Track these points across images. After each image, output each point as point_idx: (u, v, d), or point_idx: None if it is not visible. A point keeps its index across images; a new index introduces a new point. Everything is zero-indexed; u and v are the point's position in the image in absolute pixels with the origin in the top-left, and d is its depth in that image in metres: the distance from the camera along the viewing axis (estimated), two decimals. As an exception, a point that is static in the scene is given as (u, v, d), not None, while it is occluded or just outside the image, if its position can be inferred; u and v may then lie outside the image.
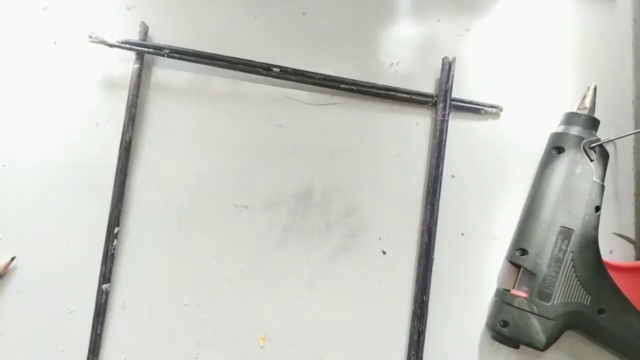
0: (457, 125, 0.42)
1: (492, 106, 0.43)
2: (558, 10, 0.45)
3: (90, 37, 0.39)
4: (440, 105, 0.41)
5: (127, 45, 0.40)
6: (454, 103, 0.42)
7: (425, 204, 0.41)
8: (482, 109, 0.43)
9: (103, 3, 0.42)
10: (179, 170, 0.41)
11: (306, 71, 0.41)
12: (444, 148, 0.41)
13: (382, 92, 0.42)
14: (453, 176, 0.42)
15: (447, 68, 0.42)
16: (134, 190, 0.40)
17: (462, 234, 0.41)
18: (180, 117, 0.41)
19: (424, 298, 0.39)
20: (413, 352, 0.39)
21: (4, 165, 0.40)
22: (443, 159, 0.41)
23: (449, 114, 0.41)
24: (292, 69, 0.41)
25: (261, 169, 0.41)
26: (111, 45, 0.39)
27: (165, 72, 0.42)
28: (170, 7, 0.42)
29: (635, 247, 0.42)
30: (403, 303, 0.40)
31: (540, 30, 0.45)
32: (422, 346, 0.39)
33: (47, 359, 0.38)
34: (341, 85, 0.41)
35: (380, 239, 0.41)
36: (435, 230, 0.40)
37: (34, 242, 0.39)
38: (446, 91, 0.41)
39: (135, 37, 0.40)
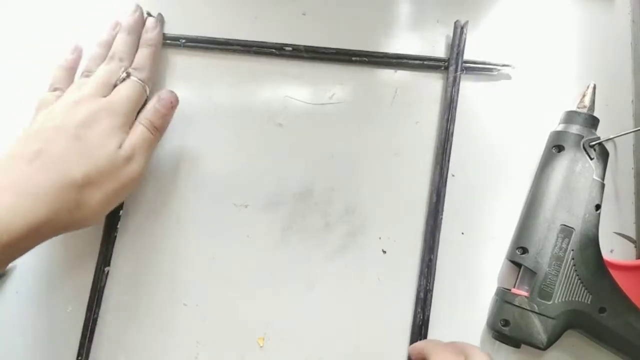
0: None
1: (504, 65, 0.43)
2: (557, 11, 0.45)
3: None
4: (452, 68, 0.42)
5: None
6: (465, 65, 0.43)
7: (435, 164, 0.41)
8: (494, 67, 0.43)
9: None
10: (178, 170, 0.41)
11: (318, 47, 0.42)
12: (455, 109, 0.42)
13: (394, 60, 0.43)
14: (453, 175, 0.42)
15: (460, 31, 0.42)
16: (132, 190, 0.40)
17: (462, 234, 0.41)
18: (178, 118, 0.41)
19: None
20: (414, 352, 0.39)
21: (4, 165, 0.40)
22: (454, 121, 0.41)
23: (460, 75, 0.42)
24: (304, 46, 0.42)
25: (261, 168, 0.41)
26: None
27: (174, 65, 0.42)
28: (166, 11, 0.43)
29: (635, 246, 0.42)
30: (403, 302, 0.40)
31: (539, 30, 0.45)
32: (423, 346, 0.39)
33: (46, 359, 0.38)
34: (353, 59, 0.42)
35: (380, 238, 0.41)
36: (444, 197, 0.41)
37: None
38: (457, 53, 0.42)
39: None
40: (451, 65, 0.42)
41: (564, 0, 0.46)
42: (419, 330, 0.39)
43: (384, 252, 0.41)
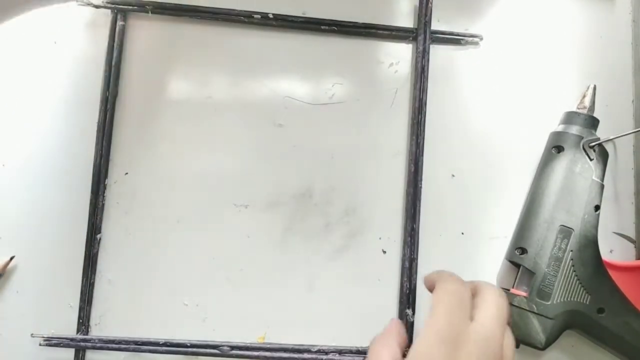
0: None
1: (472, 35, 0.44)
2: (558, 11, 0.45)
3: (77, 2, 0.41)
4: (420, 38, 0.42)
5: (112, 5, 0.41)
6: (434, 36, 0.43)
7: (410, 134, 0.42)
8: (463, 38, 0.44)
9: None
10: (178, 170, 0.41)
11: (287, 15, 0.42)
12: (427, 79, 0.42)
13: (363, 30, 0.43)
14: (453, 175, 0.42)
15: (425, 1, 0.43)
16: (133, 190, 0.40)
17: (462, 234, 0.41)
18: (179, 117, 0.41)
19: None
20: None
21: (3, 165, 0.40)
22: (426, 90, 0.42)
23: (429, 44, 0.42)
24: (274, 14, 0.42)
25: (261, 168, 0.41)
26: (97, 7, 0.41)
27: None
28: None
29: (635, 247, 0.42)
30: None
31: (540, 30, 0.45)
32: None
33: (47, 358, 0.38)
34: (322, 27, 0.43)
35: (380, 238, 0.41)
36: (422, 167, 0.41)
37: (33, 242, 0.39)
38: (425, 23, 0.43)
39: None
40: (419, 36, 0.43)
41: (564, 0, 0.46)
42: (407, 299, 0.39)
43: (384, 252, 0.41)
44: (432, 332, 0.27)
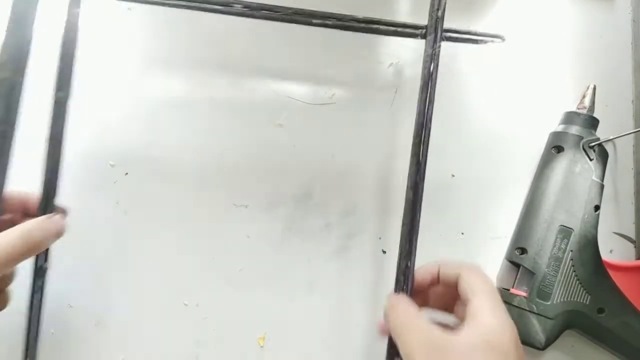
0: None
1: (493, 36, 0.38)
2: (557, 11, 0.45)
3: None
4: (431, 37, 0.36)
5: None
6: (447, 35, 0.37)
7: (414, 136, 0.37)
8: (480, 39, 0.38)
9: None
10: (178, 170, 0.41)
11: (275, 6, 0.36)
12: (435, 81, 0.36)
13: (363, 25, 0.36)
14: (453, 175, 0.42)
15: None
16: (133, 189, 0.40)
17: (462, 234, 0.41)
18: (179, 117, 0.41)
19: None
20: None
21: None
22: (432, 102, 0.36)
23: (439, 45, 0.36)
24: (257, 3, 0.36)
25: (261, 168, 0.41)
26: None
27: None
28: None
29: (635, 247, 0.42)
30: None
31: (540, 30, 0.45)
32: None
33: (48, 358, 0.38)
34: (313, 21, 0.37)
35: (380, 238, 0.41)
36: (424, 176, 0.36)
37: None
38: (437, 19, 0.36)
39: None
40: (430, 34, 0.35)
41: (564, 1, 0.46)
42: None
43: (384, 252, 0.41)
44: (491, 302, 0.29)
